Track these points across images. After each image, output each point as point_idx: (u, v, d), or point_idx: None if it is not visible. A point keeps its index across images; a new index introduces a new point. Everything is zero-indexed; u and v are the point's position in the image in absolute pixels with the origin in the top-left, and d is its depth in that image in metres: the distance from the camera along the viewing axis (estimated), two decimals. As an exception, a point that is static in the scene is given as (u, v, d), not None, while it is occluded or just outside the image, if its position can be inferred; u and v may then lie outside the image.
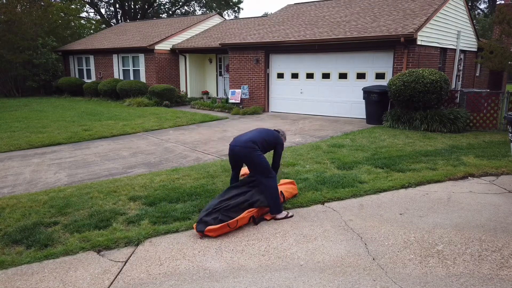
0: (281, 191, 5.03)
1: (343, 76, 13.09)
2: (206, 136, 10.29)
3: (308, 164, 6.98)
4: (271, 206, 4.58)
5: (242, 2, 43.02)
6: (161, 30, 20.62)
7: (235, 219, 4.35)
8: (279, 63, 14.43)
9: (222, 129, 11.37)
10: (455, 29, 13.96)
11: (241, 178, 6.21)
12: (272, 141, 4.91)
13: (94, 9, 40.24)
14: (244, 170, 6.33)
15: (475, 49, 16.75)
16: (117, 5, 40.46)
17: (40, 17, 21.87)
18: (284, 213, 4.67)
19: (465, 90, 11.09)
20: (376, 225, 4.46)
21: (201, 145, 9.08)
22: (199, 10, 43.47)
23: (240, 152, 4.67)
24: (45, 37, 21.88)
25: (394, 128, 10.58)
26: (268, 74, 14.67)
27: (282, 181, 5.47)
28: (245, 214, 4.47)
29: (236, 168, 5.05)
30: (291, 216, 4.69)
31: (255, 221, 4.57)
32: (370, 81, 12.53)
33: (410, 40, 11.10)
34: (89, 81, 21.13)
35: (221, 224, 4.24)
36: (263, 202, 4.61)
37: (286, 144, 8.56)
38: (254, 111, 14.39)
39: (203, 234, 4.21)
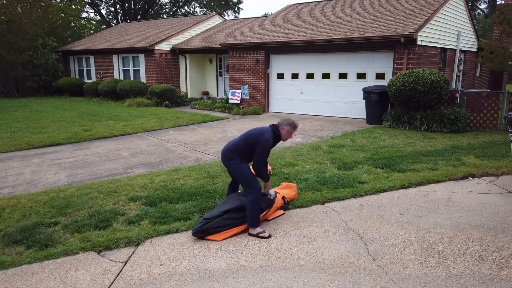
0: (282, 196, 5.03)
1: (343, 76, 13.08)
2: (206, 136, 10.29)
3: (309, 164, 6.98)
4: (248, 220, 4.27)
5: (242, 2, 43.03)
6: (161, 30, 20.63)
7: (237, 229, 4.33)
8: (279, 63, 14.43)
9: (222, 129, 11.37)
10: (455, 29, 13.95)
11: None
12: (252, 141, 4.29)
13: (94, 10, 40.28)
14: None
15: (475, 49, 16.75)
16: (118, 6, 40.48)
17: (40, 17, 21.87)
18: (258, 230, 4.25)
19: (465, 90, 11.09)
20: (376, 225, 4.46)
21: (201, 145, 9.09)
22: (200, 11, 43.53)
23: (222, 160, 4.48)
24: (45, 37, 21.88)
25: (394, 128, 10.58)
26: (268, 75, 14.67)
27: (283, 184, 5.46)
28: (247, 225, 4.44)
29: (230, 174, 4.82)
30: (268, 237, 4.19)
31: None
32: (370, 81, 12.53)
33: (410, 40, 11.10)
34: (89, 81, 21.13)
35: (222, 232, 4.24)
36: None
37: (286, 144, 8.54)
38: (254, 111, 14.39)
39: (203, 239, 4.21)
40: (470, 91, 10.71)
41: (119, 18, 40.88)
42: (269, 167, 6.51)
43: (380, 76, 12.35)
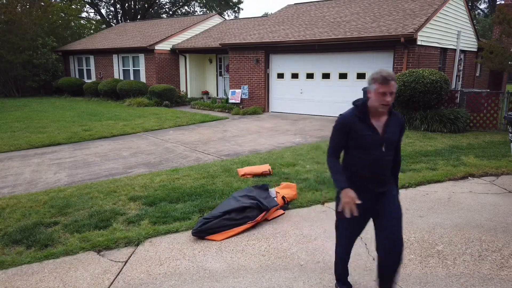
0: (282, 196, 5.03)
1: (343, 76, 13.08)
2: (206, 136, 10.29)
3: (308, 164, 6.98)
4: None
5: (242, 2, 43.05)
6: (161, 30, 20.63)
7: (236, 230, 4.31)
8: (279, 63, 14.43)
9: (222, 129, 11.37)
10: (455, 29, 13.95)
11: (242, 177, 6.22)
12: None
13: (94, 9, 40.28)
14: (244, 170, 6.33)
15: (475, 49, 16.75)
16: (118, 5, 40.48)
17: (40, 17, 21.87)
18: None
19: (465, 90, 11.09)
20: (376, 225, 4.45)
21: (201, 145, 9.08)
22: (200, 11, 43.53)
23: None
24: (45, 37, 21.87)
25: (394, 128, 10.56)
26: (268, 74, 14.67)
27: (283, 184, 5.46)
28: (247, 225, 4.42)
29: None
30: None
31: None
32: (370, 81, 12.52)
33: (410, 40, 11.10)
34: (89, 81, 21.13)
35: (222, 232, 4.23)
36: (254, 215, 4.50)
37: (287, 145, 8.55)
38: (254, 111, 14.39)
39: (202, 238, 4.20)
40: (470, 91, 10.71)
41: (119, 18, 40.86)
42: (268, 167, 6.49)
43: (380, 76, 12.33)
